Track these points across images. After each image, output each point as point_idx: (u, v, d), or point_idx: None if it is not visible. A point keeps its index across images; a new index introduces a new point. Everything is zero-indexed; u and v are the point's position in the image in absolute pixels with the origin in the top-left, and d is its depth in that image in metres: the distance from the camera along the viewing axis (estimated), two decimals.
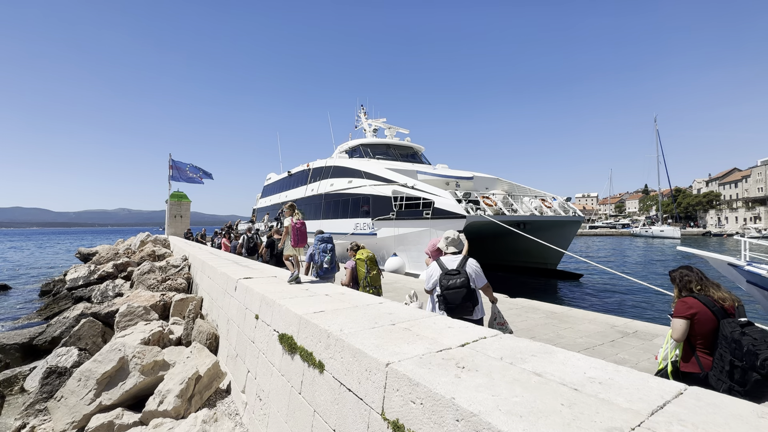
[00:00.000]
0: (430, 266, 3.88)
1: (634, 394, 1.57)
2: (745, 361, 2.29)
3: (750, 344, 2.30)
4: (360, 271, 5.79)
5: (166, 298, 8.05)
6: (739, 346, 2.33)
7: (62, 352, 6.21)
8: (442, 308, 3.58)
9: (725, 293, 2.66)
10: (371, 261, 5.80)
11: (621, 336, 5.97)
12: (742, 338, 2.35)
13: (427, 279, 3.77)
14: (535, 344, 2.26)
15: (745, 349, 2.30)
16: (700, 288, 2.71)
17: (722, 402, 1.49)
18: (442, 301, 3.52)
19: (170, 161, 25.42)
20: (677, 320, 2.62)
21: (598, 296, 13.37)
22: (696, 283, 2.74)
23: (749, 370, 2.27)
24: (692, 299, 2.65)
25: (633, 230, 71.34)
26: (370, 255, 5.87)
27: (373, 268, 5.80)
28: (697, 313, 2.58)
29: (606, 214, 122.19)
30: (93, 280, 12.65)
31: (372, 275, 5.75)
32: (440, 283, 3.53)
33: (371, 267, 5.77)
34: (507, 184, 18.60)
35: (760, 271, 7.05)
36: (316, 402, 2.61)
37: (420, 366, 1.94)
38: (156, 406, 4.06)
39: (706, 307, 2.58)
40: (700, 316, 2.57)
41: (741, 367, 2.30)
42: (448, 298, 3.47)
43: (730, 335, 2.40)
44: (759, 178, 78.22)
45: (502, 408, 1.47)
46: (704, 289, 2.70)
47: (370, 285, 5.71)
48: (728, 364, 2.36)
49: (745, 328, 2.42)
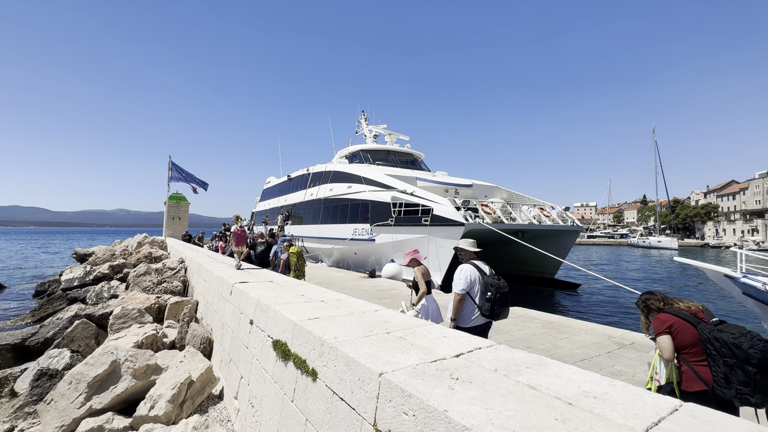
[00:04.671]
0: (464, 268, 3.90)
1: (629, 409, 1.55)
2: (734, 356, 2.32)
3: (731, 338, 2.35)
4: (292, 261, 7.99)
5: (161, 300, 7.99)
6: (722, 343, 2.38)
7: (54, 354, 6.14)
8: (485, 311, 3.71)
9: (689, 303, 2.74)
10: (299, 254, 8.13)
11: (618, 347, 5.95)
12: (721, 334, 2.40)
13: (464, 280, 3.82)
14: (531, 356, 2.24)
15: (728, 343, 2.35)
16: (664, 304, 2.78)
17: (718, 419, 1.47)
18: (496, 303, 3.67)
19: (170, 163, 25.42)
20: (661, 338, 2.63)
21: (596, 306, 13.33)
22: (660, 301, 2.83)
23: (743, 364, 2.28)
24: (664, 314, 2.70)
25: (631, 240, 71.47)
26: (298, 250, 8.19)
27: (300, 259, 8.10)
28: (673, 324, 2.61)
29: (604, 224, 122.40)
30: (88, 281, 12.57)
31: (299, 264, 8.04)
32: (492, 285, 3.71)
33: (299, 258, 8.07)
34: (506, 193, 18.62)
35: (755, 283, 7.06)
36: (309, 411, 2.58)
37: (413, 377, 1.92)
38: (147, 411, 4.00)
39: (679, 317, 2.63)
40: (677, 326, 2.60)
41: (734, 364, 2.31)
42: (502, 300, 3.67)
43: (710, 335, 2.45)
44: (757, 191, 78.57)
45: (495, 422, 1.45)
46: (669, 304, 2.76)
47: (297, 270, 8.00)
48: (722, 366, 2.37)
49: (719, 326, 2.49)
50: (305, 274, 8.48)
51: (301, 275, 8.14)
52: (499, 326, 7.12)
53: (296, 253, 8.08)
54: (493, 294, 3.67)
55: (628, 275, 25.04)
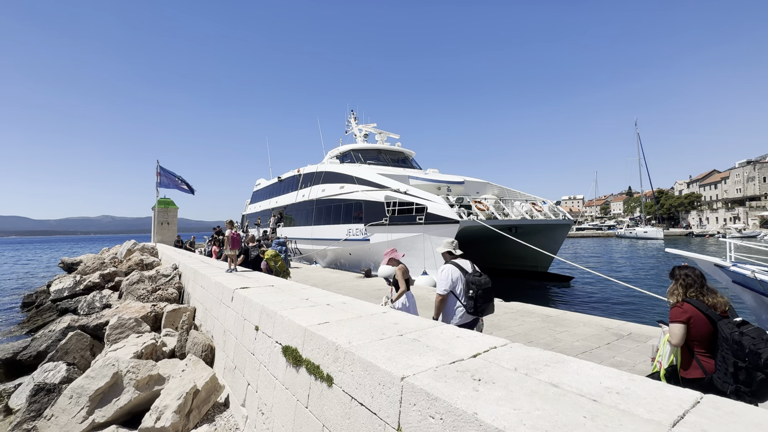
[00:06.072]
0: (445, 268, 3.99)
1: (653, 404, 1.59)
2: (748, 361, 2.35)
3: (751, 344, 2.37)
4: (270, 264, 8.50)
5: (157, 308, 7.86)
6: (740, 347, 2.40)
7: (49, 368, 5.99)
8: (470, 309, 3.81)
9: (719, 298, 2.75)
10: (275, 257, 8.60)
11: (616, 338, 6.06)
12: (742, 339, 2.42)
13: (445, 280, 3.90)
14: (547, 353, 2.27)
15: (747, 350, 2.36)
16: (695, 294, 2.80)
17: (740, 410, 1.51)
18: (479, 300, 3.75)
19: (158, 168, 24.96)
20: (675, 325, 2.68)
21: (589, 298, 13.57)
22: (694, 288, 2.82)
23: (753, 369, 2.33)
24: (687, 304, 2.73)
25: (618, 231, 72.84)
26: (273, 254, 8.63)
27: (278, 261, 8.56)
28: (691, 317, 2.66)
29: (592, 216, 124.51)
30: (79, 290, 12.28)
31: (278, 266, 8.52)
32: (473, 283, 3.79)
33: (276, 261, 8.55)
34: (497, 189, 18.79)
35: (744, 272, 7.27)
36: (325, 416, 2.57)
37: (436, 379, 1.93)
38: (153, 422, 3.94)
39: (700, 311, 2.67)
40: (694, 320, 2.65)
41: (745, 367, 2.36)
42: (484, 297, 3.76)
43: (730, 336, 2.47)
44: (737, 180, 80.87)
45: (526, 423, 1.47)
46: (699, 295, 2.79)
47: (281, 271, 8.46)
48: (732, 366, 2.42)
49: (741, 328, 2.50)
50: (290, 273, 8.93)
51: (286, 275, 8.51)
52: (499, 322, 7.20)
53: (272, 256, 8.52)
54: (475, 291, 3.77)
55: (616, 266, 25.53)
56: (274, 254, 8.66)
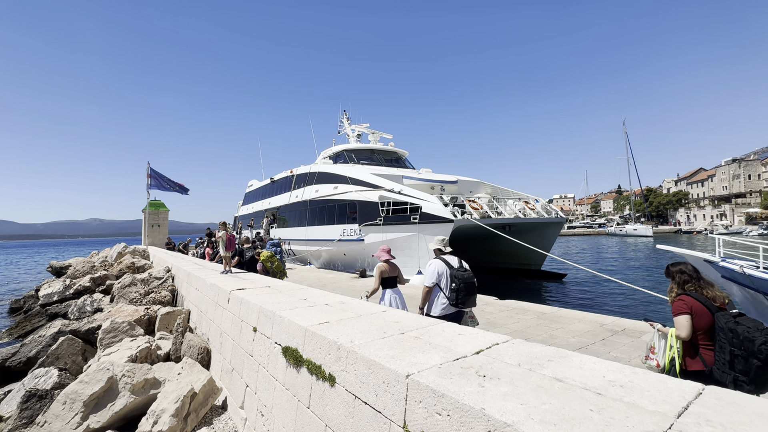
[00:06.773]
0: (433, 263, 4.31)
1: (657, 396, 1.61)
2: (743, 349, 2.41)
3: (745, 332, 2.44)
4: (267, 265, 8.48)
5: (150, 312, 7.75)
6: (735, 334, 2.47)
7: (40, 374, 5.88)
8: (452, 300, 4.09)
9: (717, 292, 2.81)
10: (270, 258, 8.57)
11: (611, 334, 6.14)
12: (737, 327, 2.49)
13: (431, 273, 4.22)
14: (549, 349, 2.29)
15: (741, 337, 2.44)
16: (693, 288, 2.86)
17: (742, 400, 1.54)
18: (460, 292, 4.03)
19: (148, 170, 24.63)
20: (681, 317, 2.73)
21: (582, 295, 13.73)
22: (691, 283, 2.88)
23: (749, 357, 2.39)
24: (687, 297, 2.79)
25: (608, 229, 73.81)
26: (268, 255, 8.62)
27: (274, 262, 8.55)
28: (693, 307, 2.72)
29: (583, 214, 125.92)
30: (69, 295, 12.05)
31: (275, 266, 8.49)
32: (456, 277, 4.09)
33: (272, 261, 8.53)
34: (490, 187, 18.91)
35: (733, 267, 7.41)
36: (328, 416, 2.56)
37: (441, 376, 1.93)
38: (150, 426, 3.89)
39: (700, 303, 2.72)
40: (696, 311, 2.71)
41: (741, 355, 2.42)
42: (467, 290, 4.04)
43: (725, 325, 2.55)
44: (723, 177, 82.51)
45: (534, 417, 1.48)
46: (697, 289, 2.84)
47: (277, 271, 8.44)
48: (728, 354, 2.48)
49: (737, 318, 2.57)
50: (286, 273, 8.98)
51: (283, 275, 8.56)
52: (494, 320, 7.25)
53: (268, 257, 8.58)
54: (458, 284, 4.09)
55: (608, 264, 25.86)
56: (270, 255, 8.68)
